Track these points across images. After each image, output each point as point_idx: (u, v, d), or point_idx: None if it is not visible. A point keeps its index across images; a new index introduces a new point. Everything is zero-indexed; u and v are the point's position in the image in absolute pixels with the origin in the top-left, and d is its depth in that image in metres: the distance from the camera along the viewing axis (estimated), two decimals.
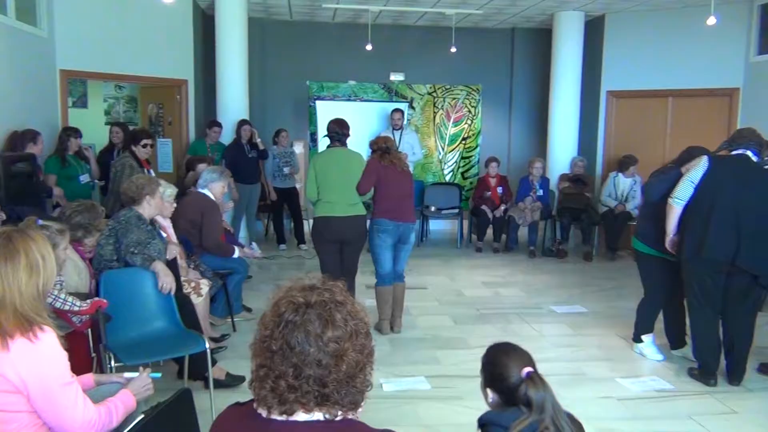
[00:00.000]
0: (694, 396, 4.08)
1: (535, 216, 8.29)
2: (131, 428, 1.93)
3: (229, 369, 4.14)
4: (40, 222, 3.32)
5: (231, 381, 4.02)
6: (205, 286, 4.52)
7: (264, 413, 1.36)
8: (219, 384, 3.89)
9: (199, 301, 4.37)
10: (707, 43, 7.94)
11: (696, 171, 4.13)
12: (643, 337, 4.77)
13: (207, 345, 3.52)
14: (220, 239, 5.26)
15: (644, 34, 8.45)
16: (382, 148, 5.11)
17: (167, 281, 3.77)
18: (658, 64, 8.36)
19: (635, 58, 8.52)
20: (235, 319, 5.20)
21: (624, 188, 8.22)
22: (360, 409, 1.39)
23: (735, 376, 4.22)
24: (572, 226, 8.42)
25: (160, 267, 3.81)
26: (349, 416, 1.37)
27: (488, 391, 2.06)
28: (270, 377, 1.33)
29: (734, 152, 4.18)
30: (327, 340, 1.32)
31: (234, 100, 8.18)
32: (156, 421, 1.98)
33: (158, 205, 4.15)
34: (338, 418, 1.35)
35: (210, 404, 3.51)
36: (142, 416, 1.99)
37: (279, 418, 1.34)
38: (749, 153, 4.11)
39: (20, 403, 1.96)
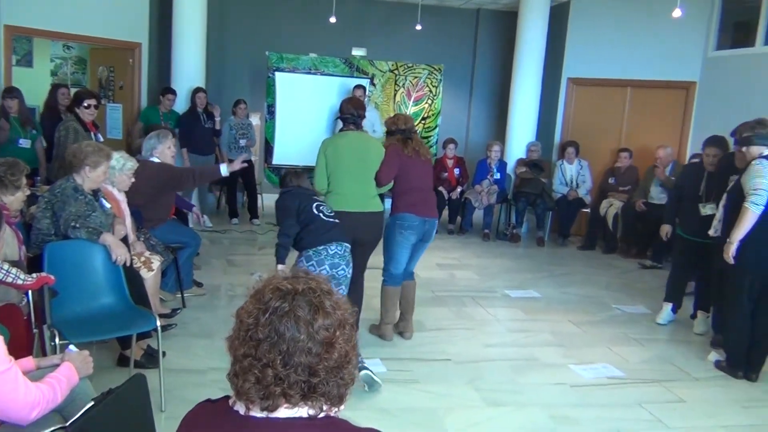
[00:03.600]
0: (644, 384, 4.15)
1: (491, 199, 8.32)
2: (81, 415, 1.81)
3: (178, 346, 4.03)
4: None
5: (147, 362, 3.84)
6: (156, 260, 4.34)
7: (242, 410, 1.28)
8: (136, 364, 3.75)
9: (150, 276, 4.20)
10: (668, 36, 8.03)
11: None
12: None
13: (158, 323, 3.39)
14: (191, 172, 5.35)
15: (607, 22, 8.48)
16: (401, 130, 4.49)
17: (121, 252, 3.59)
18: (619, 54, 8.41)
19: (597, 47, 8.56)
20: (185, 295, 5.05)
21: (572, 174, 8.32)
22: (343, 406, 1.33)
23: (754, 370, 4.26)
24: (527, 210, 8.48)
25: (110, 239, 3.63)
26: (332, 413, 1.31)
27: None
28: (255, 367, 1.24)
29: None
30: (318, 328, 1.26)
31: (190, 67, 7.91)
32: (107, 408, 1.86)
33: (97, 179, 3.87)
34: (321, 415, 1.29)
35: (159, 384, 3.39)
36: (92, 403, 1.87)
37: (258, 415, 1.27)
38: None
39: None
